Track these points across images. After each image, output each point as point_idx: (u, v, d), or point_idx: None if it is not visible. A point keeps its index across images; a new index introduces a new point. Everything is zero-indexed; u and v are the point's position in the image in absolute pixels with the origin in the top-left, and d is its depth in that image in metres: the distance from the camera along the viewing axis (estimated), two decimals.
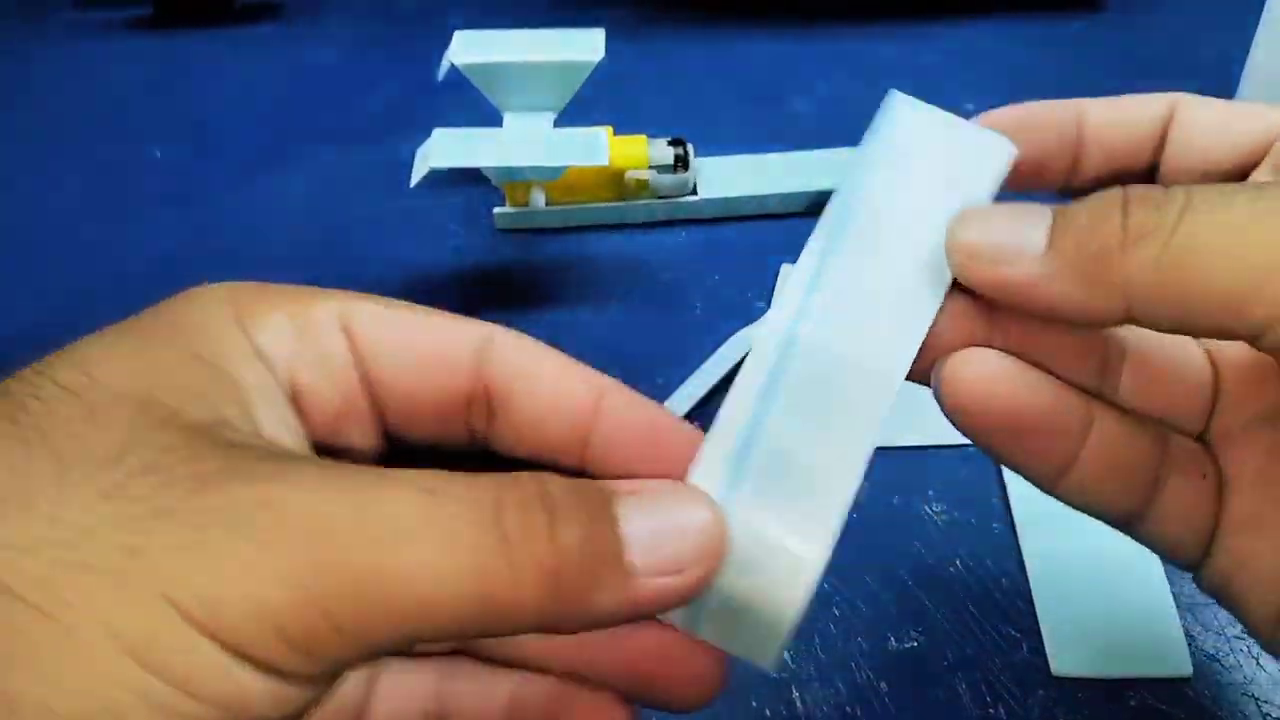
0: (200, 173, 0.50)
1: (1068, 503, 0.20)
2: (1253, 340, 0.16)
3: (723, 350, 0.38)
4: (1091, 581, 0.29)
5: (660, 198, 0.44)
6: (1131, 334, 0.20)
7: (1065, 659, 0.28)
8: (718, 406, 0.38)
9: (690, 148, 0.45)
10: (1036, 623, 0.29)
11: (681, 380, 0.37)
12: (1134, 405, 0.20)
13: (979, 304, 0.19)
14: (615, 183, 0.44)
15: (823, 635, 0.29)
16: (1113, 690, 0.27)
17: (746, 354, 0.37)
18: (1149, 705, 0.27)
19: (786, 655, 0.29)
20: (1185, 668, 0.27)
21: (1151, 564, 0.30)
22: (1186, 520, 0.20)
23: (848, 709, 0.27)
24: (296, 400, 0.17)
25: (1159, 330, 0.17)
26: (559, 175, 0.40)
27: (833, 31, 0.59)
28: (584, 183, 0.44)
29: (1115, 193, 0.17)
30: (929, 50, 0.57)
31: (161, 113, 0.54)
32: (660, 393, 0.37)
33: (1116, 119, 0.22)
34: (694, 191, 0.45)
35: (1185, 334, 0.19)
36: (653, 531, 0.16)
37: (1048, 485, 0.20)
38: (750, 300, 0.40)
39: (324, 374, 0.18)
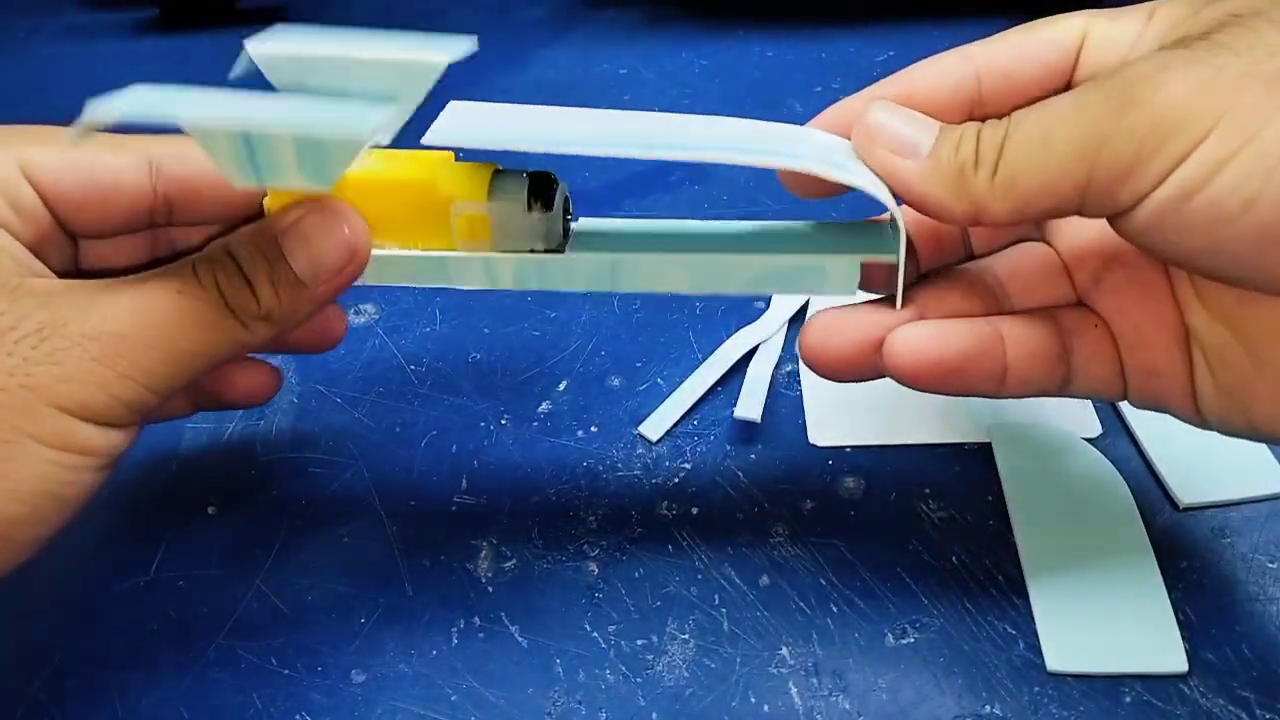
0: None
1: (1010, 397, 0.25)
2: (1076, 212, 0.21)
3: (723, 350, 0.38)
4: (1087, 578, 0.30)
5: (508, 251, 0.27)
6: (998, 262, 0.27)
7: (1060, 655, 0.28)
8: (717, 406, 0.38)
9: (563, 186, 0.27)
10: (1032, 619, 0.29)
11: (682, 380, 0.37)
12: (1026, 305, 0.26)
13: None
14: (440, 218, 0.26)
15: (820, 631, 0.29)
16: (1108, 687, 0.27)
17: (746, 353, 0.38)
18: (1144, 701, 0.27)
19: (785, 651, 0.29)
20: (1181, 664, 0.27)
21: (1147, 560, 0.30)
22: (1101, 364, 0.25)
23: (844, 705, 0.27)
24: None
25: (998, 223, 0.22)
26: (327, 176, 0.23)
27: (830, 34, 0.60)
28: (392, 212, 0.26)
29: (974, 125, 0.22)
30: (926, 52, 0.57)
31: None
32: (660, 392, 0.37)
33: (1017, 60, 0.24)
34: (562, 247, 0.27)
35: (1017, 223, 0.25)
36: (312, 260, 0.24)
37: (993, 394, 0.25)
38: (750, 300, 0.41)
39: (19, 218, 0.24)
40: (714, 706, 0.28)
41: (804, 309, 0.40)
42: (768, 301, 0.40)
